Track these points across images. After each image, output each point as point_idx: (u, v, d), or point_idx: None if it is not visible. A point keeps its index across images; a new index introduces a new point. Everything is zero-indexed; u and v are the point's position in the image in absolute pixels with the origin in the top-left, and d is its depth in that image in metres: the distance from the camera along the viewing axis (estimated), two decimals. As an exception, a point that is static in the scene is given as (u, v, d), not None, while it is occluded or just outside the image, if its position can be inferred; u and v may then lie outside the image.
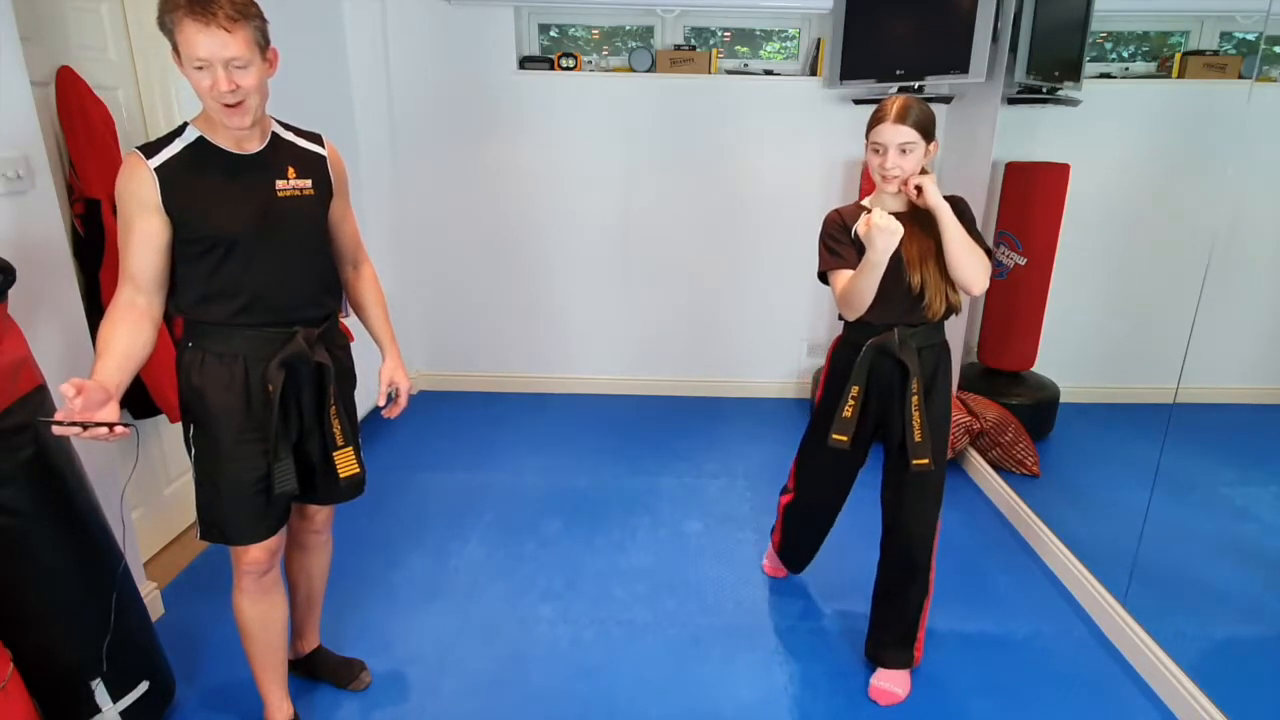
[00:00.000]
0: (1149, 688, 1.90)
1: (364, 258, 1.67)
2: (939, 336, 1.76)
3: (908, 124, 1.60)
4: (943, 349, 1.77)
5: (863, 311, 1.68)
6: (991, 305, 3.08)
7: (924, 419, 1.71)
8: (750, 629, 2.10)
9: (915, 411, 1.70)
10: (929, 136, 1.64)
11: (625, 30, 3.55)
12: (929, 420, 1.72)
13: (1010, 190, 2.94)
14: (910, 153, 1.62)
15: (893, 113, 1.61)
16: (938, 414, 1.76)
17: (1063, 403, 2.99)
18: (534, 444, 3.22)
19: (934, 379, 1.75)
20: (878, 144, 1.64)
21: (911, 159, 1.62)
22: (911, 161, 1.62)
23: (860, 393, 1.76)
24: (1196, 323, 1.91)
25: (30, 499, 1.38)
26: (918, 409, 1.70)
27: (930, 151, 1.65)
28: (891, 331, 1.70)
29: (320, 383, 1.49)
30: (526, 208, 3.53)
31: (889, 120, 1.61)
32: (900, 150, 1.61)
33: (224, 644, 1.96)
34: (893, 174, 1.64)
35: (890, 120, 1.61)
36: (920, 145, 1.62)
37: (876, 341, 1.72)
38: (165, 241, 1.33)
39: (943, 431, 1.77)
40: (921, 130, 1.61)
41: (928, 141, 1.63)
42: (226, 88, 1.24)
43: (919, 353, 1.71)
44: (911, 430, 1.71)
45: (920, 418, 1.70)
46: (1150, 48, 2.87)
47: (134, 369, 1.30)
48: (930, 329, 1.73)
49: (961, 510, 2.76)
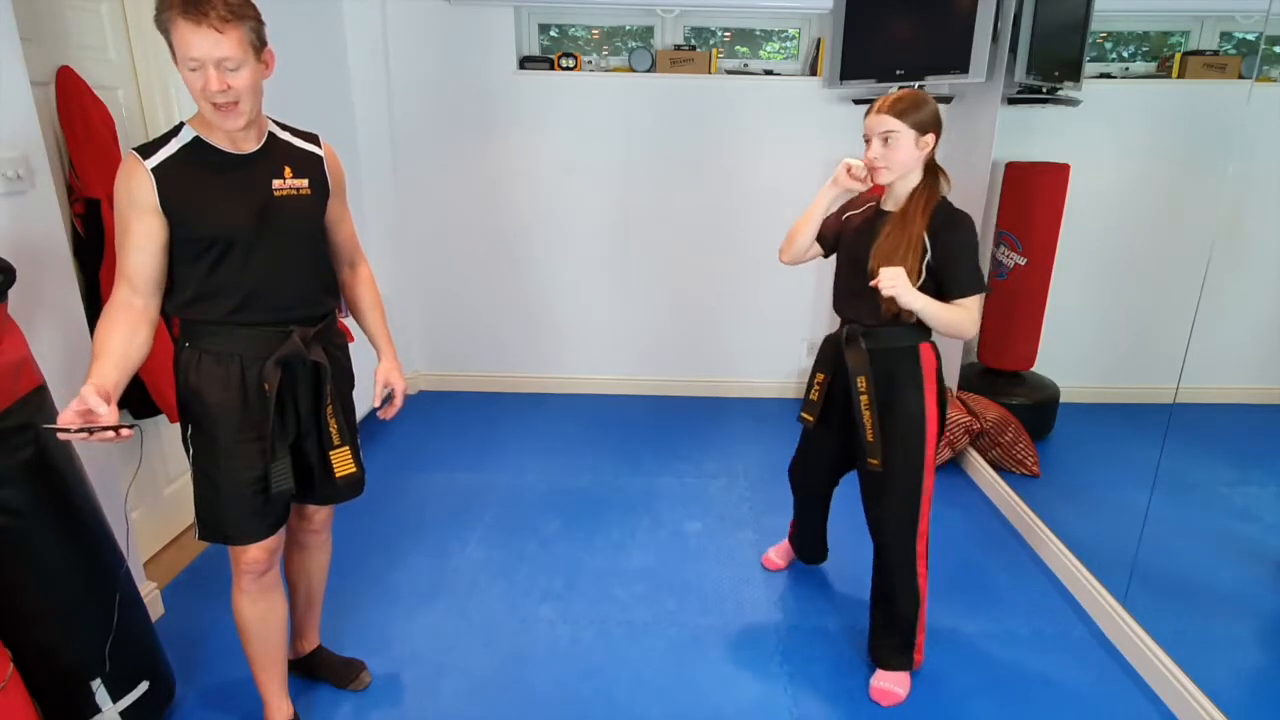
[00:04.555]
0: (1149, 688, 1.90)
1: (361, 258, 1.67)
2: (906, 340, 1.72)
3: (889, 112, 1.60)
4: (910, 353, 1.73)
5: (792, 252, 1.85)
6: (991, 305, 3.08)
7: (874, 419, 1.72)
8: (750, 629, 2.10)
9: (865, 410, 1.73)
10: (922, 128, 1.61)
11: (625, 30, 3.55)
12: (891, 424, 1.73)
13: (1010, 190, 2.93)
14: (895, 143, 1.61)
15: (879, 103, 1.63)
16: (904, 419, 1.73)
17: (1063, 403, 2.99)
18: (534, 444, 3.22)
19: (894, 382, 1.73)
20: (866, 135, 1.66)
21: (897, 150, 1.61)
22: (899, 152, 1.61)
23: (825, 380, 1.83)
24: (1196, 323, 1.91)
25: (30, 499, 1.38)
26: (866, 408, 1.72)
27: (924, 144, 1.63)
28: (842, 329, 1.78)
29: (317, 382, 1.49)
30: (526, 208, 3.53)
31: (875, 110, 1.63)
32: (883, 140, 1.62)
33: (224, 644, 1.96)
34: (876, 164, 1.64)
35: (875, 110, 1.63)
36: (905, 134, 1.60)
37: (834, 335, 1.80)
38: (162, 242, 1.33)
39: (912, 439, 1.73)
40: (906, 119, 1.60)
41: (920, 132, 1.61)
42: (218, 87, 1.24)
43: (874, 353, 1.72)
44: (863, 429, 1.74)
45: (871, 417, 1.72)
46: (1150, 48, 2.87)
47: (131, 370, 1.30)
48: (894, 332, 1.71)
49: (961, 510, 2.76)
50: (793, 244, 1.85)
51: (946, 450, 3.02)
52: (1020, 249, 2.90)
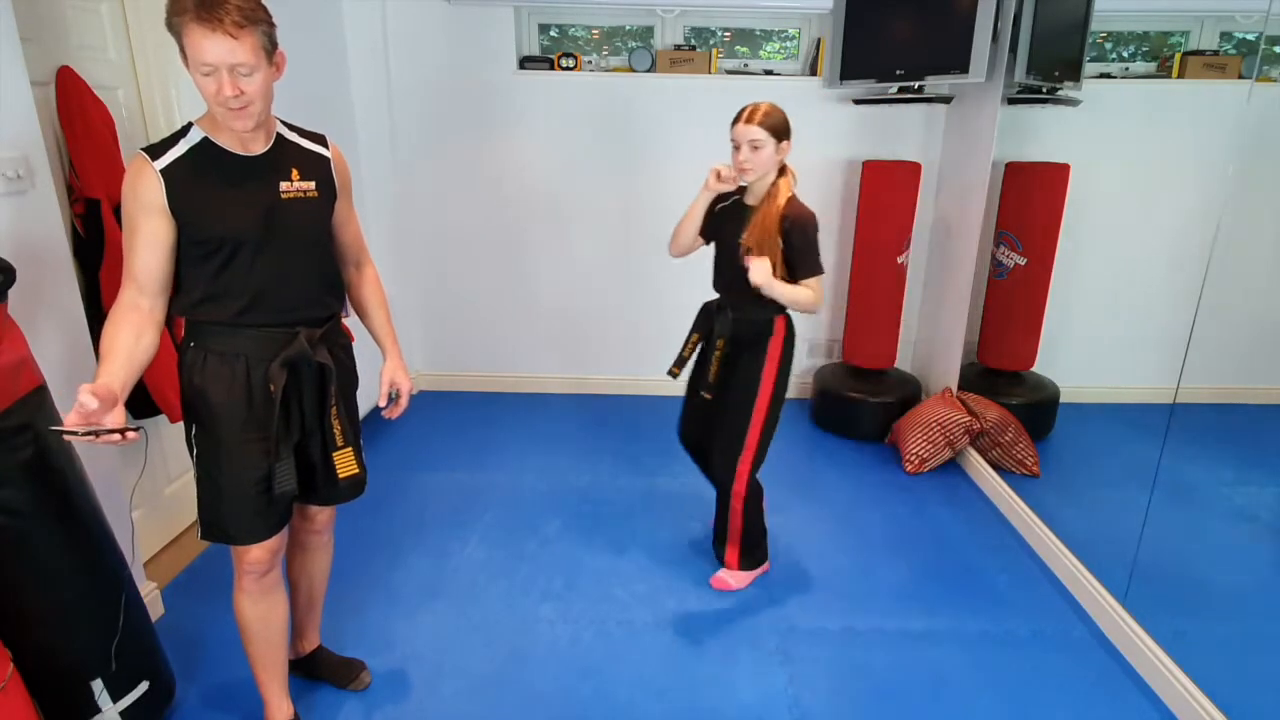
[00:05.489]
0: (1149, 688, 1.90)
1: (366, 258, 1.67)
2: (765, 314, 2.08)
3: (756, 124, 1.91)
4: (767, 324, 2.09)
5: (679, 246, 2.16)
6: (991, 305, 3.08)
7: (719, 366, 2.13)
8: (750, 629, 2.10)
9: (715, 360, 2.12)
10: (780, 136, 1.94)
11: (625, 30, 3.55)
12: (734, 374, 2.13)
13: (1010, 190, 2.94)
14: (760, 149, 1.92)
15: (745, 115, 1.93)
16: (744, 372, 2.12)
17: (1063, 403, 2.99)
18: (534, 444, 3.22)
19: (749, 344, 2.11)
20: (734, 140, 1.95)
21: (762, 155, 1.93)
22: (762, 157, 1.93)
23: (698, 339, 2.21)
24: (1196, 323, 1.91)
25: (30, 499, 1.38)
26: (717, 360, 2.12)
27: (782, 150, 1.96)
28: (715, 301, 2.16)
29: (322, 383, 1.49)
30: (526, 208, 3.53)
31: (742, 121, 1.93)
32: (751, 147, 1.92)
33: (224, 644, 1.96)
34: (744, 166, 1.94)
35: (743, 121, 1.93)
36: (770, 143, 1.92)
37: (709, 304, 2.20)
38: (170, 243, 1.33)
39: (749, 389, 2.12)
40: (771, 130, 1.91)
41: (778, 140, 1.93)
42: (231, 93, 1.24)
43: (739, 322, 2.09)
44: (709, 369, 2.14)
45: (716, 365, 2.13)
46: (1150, 48, 2.87)
47: (138, 371, 1.30)
48: (757, 306, 2.05)
49: (961, 510, 2.76)
50: (679, 241, 2.15)
51: (946, 450, 3.02)
52: (1020, 249, 2.91)
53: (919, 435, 3.02)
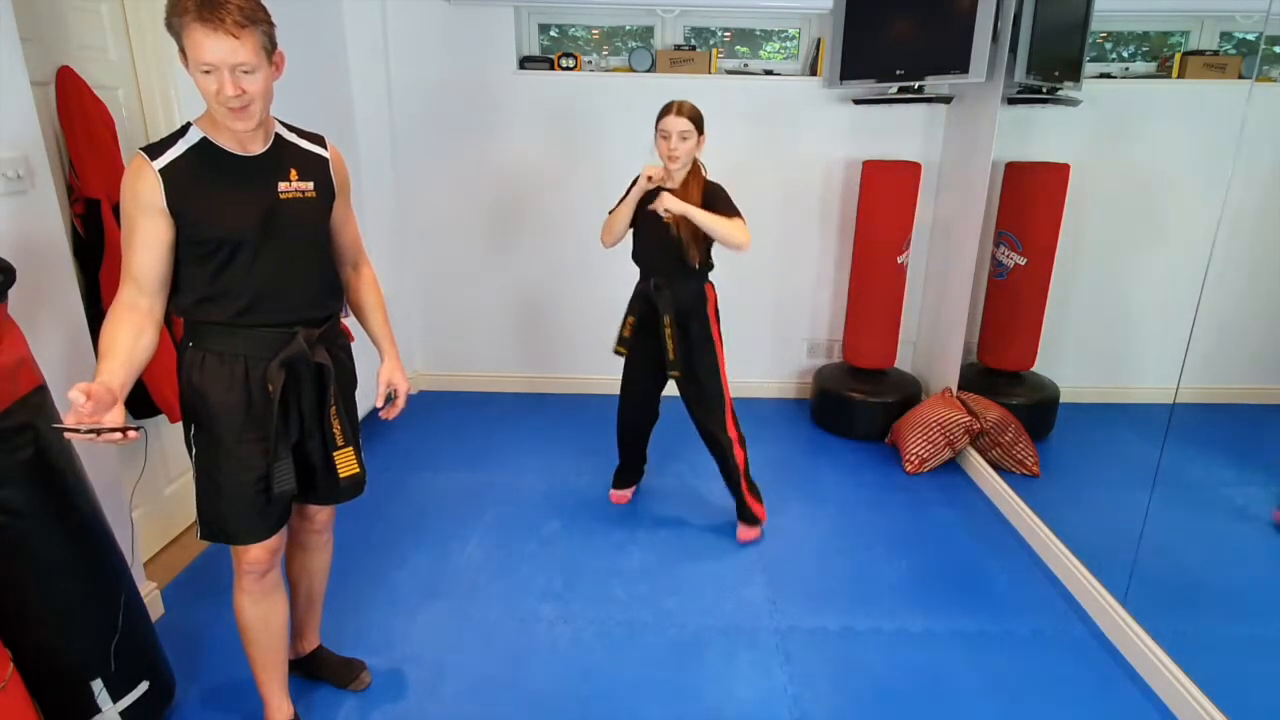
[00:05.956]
0: (1149, 688, 1.90)
1: (364, 259, 1.67)
2: (696, 285, 2.31)
3: (686, 117, 2.16)
4: (700, 294, 2.32)
5: (614, 235, 2.33)
6: (991, 305, 3.09)
7: (675, 342, 2.29)
8: (750, 629, 2.10)
9: (669, 338, 2.28)
10: (700, 129, 2.20)
11: (625, 30, 3.55)
12: (689, 344, 2.32)
13: (1010, 190, 2.94)
14: (687, 139, 2.18)
15: (675, 109, 2.18)
16: (698, 340, 2.33)
17: (1063, 403, 2.99)
18: (534, 444, 3.22)
19: (690, 314, 2.31)
20: (665, 131, 2.18)
21: (689, 144, 2.18)
22: (689, 147, 2.18)
23: (634, 321, 2.37)
24: (1196, 323, 1.91)
25: (30, 499, 1.38)
26: (670, 337, 2.28)
27: (701, 142, 2.22)
28: (648, 281, 2.31)
29: (321, 383, 1.49)
30: (526, 208, 3.53)
31: (673, 114, 2.17)
32: (681, 137, 2.17)
33: (224, 644, 1.96)
34: (675, 154, 2.17)
35: (674, 114, 2.17)
36: (694, 134, 2.18)
37: (642, 288, 2.35)
38: (169, 243, 1.33)
39: (709, 355, 2.35)
40: (695, 122, 2.18)
41: (700, 132, 2.20)
42: (232, 92, 1.24)
43: (676, 296, 2.28)
44: (666, 350, 2.30)
45: (673, 342, 2.29)
46: (1150, 48, 2.87)
47: (137, 371, 1.30)
48: (687, 279, 2.28)
49: (961, 510, 2.76)
50: (613, 231, 2.34)
51: (947, 450, 3.02)
52: (1020, 249, 2.91)
53: (919, 435, 3.02)
